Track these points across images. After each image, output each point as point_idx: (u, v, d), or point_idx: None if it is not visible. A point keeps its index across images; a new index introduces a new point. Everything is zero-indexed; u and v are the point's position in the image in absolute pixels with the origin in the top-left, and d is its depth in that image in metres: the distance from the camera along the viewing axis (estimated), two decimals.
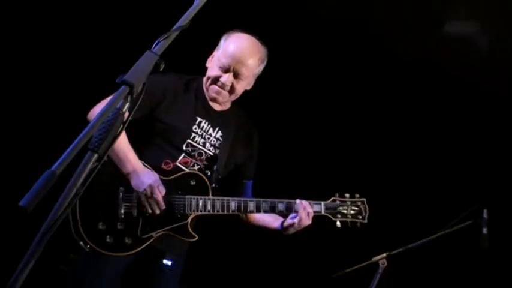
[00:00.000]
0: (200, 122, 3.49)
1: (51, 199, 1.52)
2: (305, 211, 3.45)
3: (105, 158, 1.63)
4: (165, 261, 3.35)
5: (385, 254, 3.85)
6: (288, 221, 3.51)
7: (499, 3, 4.67)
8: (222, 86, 3.44)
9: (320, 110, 5.28)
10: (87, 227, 3.20)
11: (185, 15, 1.86)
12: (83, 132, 1.55)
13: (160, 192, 3.24)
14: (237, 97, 3.56)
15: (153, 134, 3.41)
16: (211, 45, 3.59)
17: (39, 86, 4.54)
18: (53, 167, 1.45)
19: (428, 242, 3.94)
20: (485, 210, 3.85)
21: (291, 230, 3.52)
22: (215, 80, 3.45)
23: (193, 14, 1.88)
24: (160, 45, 1.79)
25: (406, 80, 5.27)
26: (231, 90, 3.47)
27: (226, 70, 3.43)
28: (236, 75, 3.44)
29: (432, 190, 5.24)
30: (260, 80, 3.62)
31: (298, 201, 3.48)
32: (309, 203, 3.50)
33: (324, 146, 5.27)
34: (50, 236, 1.47)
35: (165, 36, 1.80)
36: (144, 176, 3.23)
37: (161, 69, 1.76)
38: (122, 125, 1.64)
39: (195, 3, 1.89)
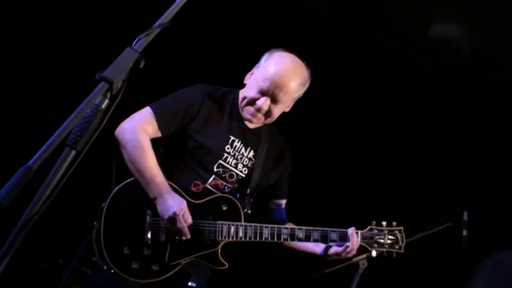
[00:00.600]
0: (233, 141, 3.36)
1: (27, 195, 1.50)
2: (354, 242, 3.38)
3: (83, 152, 1.61)
4: (190, 284, 3.25)
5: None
6: (334, 248, 3.42)
7: (483, 7, 4.70)
8: (258, 110, 3.28)
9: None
10: (111, 251, 3.09)
11: (167, 12, 1.86)
12: (61, 128, 1.54)
13: (185, 221, 3.10)
14: (272, 121, 3.41)
15: (183, 153, 3.29)
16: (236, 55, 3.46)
17: (15, 81, 4.49)
18: (30, 163, 1.44)
19: (408, 243, 3.94)
20: (465, 212, 3.86)
21: (334, 258, 3.47)
22: (251, 102, 3.29)
23: (175, 11, 1.87)
24: (141, 42, 1.78)
25: (387, 83, 5.29)
26: (267, 114, 3.31)
27: (264, 93, 3.25)
28: (274, 100, 3.27)
29: (412, 192, 5.26)
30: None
31: (350, 230, 3.40)
32: (357, 233, 3.43)
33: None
34: (25, 233, 1.46)
35: (146, 33, 1.80)
36: (170, 202, 3.09)
37: (141, 66, 1.75)
38: (100, 122, 1.62)
39: (176, 0, 1.88)
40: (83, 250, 3.53)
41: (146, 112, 3.23)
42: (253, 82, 3.32)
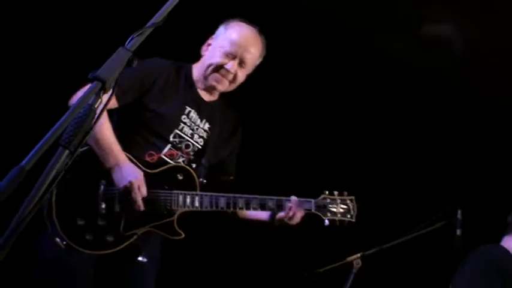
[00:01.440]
0: (189, 111, 3.35)
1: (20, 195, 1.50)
2: (294, 209, 3.33)
3: (78, 152, 1.60)
4: (140, 259, 3.18)
5: (359, 254, 3.86)
6: (280, 214, 3.35)
7: (476, 6, 4.71)
8: (226, 74, 3.31)
9: (307, 107, 5.27)
10: (64, 222, 3.00)
11: (160, 11, 1.85)
12: (54, 128, 1.53)
13: (140, 192, 3.06)
14: (235, 86, 3.43)
15: (137, 123, 3.25)
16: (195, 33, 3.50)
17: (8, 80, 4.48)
18: (22, 163, 1.44)
19: (403, 242, 3.96)
20: (459, 211, 3.87)
21: (279, 223, 3.40)
22: (218, 68, 3.31)
23: (168, 10, 1.87)
24: (133, 42, 1.78)
25: (382, 81, 5.30)
26: (233, 79, 3.35)
27: (231, 57, 3.30)
28: (241, 63, 3.33)
29: (406, 191, 5.27)
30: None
31: (288, 198, 3.35)
32: (300, 201, 3.38)
33: (300, 144, 5.27)
34: (19, 233, 1.45)
35: (139, 32, 1.79)
36: (127, 171, 3.06)
37: (133, 65, 1.75)
38: (93, 121, 1.62)
39: (169, 1, 1.88)
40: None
41: None
42: (216, 49, 3.35)
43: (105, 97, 1.66)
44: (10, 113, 4.42)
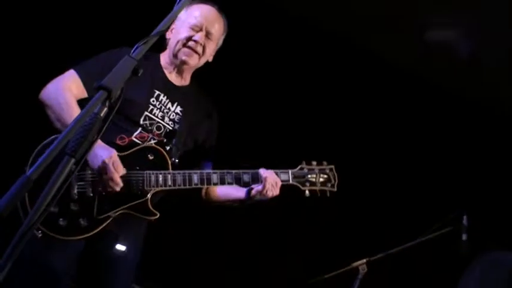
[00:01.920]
0: (159, 95, 3.33)
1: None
2: (270, 180, 3.26)
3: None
4: (118, 246, 3.12)
5: (365, 260, 3.86)
6: (256, 188, 3.28)
7: (481, 11, 4.71)
8: (195, 46, 3.32)
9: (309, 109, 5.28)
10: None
11: (164, 20, 1.87)
12: (60, 137, 1.54)
13: (116, 169, 3.00)
14: (203, 62, 3.42)
15: None
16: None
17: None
18: (28, 173, 1.45)
19: (409, 247, 3.95)
20: (464, 217, 3.86)
21: (257, 198, 3.32)
22: (187, 40, 3.32)
23: (172, 20, 1.89)
24: (139, 50, 1.79)
25: (388, 89, 5.31)
26: (202, 52, 3.35)
27: (198, 29, 3.33)
28: (207, 35, 3.35)
29: (412, 196, 5.26)
30: (220, 55, 3.52)
31: (261, 170, 3.29)
32: (275, 172, 3.32)
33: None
34: (26, 241, 1.46)
35: (144, 41, 1.81)
36: (99, 152, 3.00)
37: (139, 74, 1.76)
38: (99, 130, 1.63)
39: (174, 9, 1.90)
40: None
41: (70, 73, 3.19)
42: (182, 26, 3.37)
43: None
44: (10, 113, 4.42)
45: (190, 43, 3.33)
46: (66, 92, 3.12)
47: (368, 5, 4.85)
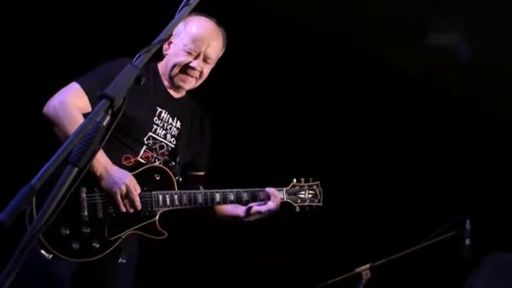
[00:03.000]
0: (160, 112, 3.35)
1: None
2: (276, 198, 3.42)
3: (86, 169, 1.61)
4: (121, 260, 3.17)
5: (368, 265, 3.85)
6: (256, 208, 3.42)
7: (481, 15, 4.72)
8: (192, 72, 3.32)
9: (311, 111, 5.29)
10: (48, 233, 2.93)
11: (166, 28, 1.87)
12: (63, 146, 1.55)
13: (135, 190, 3.10)
14: (200, 83, 3.43)
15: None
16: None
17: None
18: (32, 182, 1.45)
19: (412, 252, 3.95)
20: (467, 221, 3.86)
21: (256, 217, 3.45)
22: (184, 67, 3.31)
23: (174, 28, 1.89)
24: (141, 59, 1.80)
25: (387, 90, 5.32)
26: (199, 76, 3.36)
27: (195, 54, 3.30)
28: (205, 59, 3.34)
29: (415, 201, 5.27)
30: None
31: (268, 189, 3.44)
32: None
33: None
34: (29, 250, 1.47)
35: (146, 49, 1.81)
36: (117, 175, 3.08)
37: (142, 83, 1.76)
38: (102, 139, 1.63)
39: (176, 17, 1.90)
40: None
41: (74, 87, 3.17)
42: (179, 48, 3.33)
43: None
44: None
45: (188, 69, 3.33)
46: (72, 108, 3.10)
47: (370, 6, 4.86)
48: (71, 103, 3.12)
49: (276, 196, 3.44)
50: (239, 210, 3.49)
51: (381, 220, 5.17)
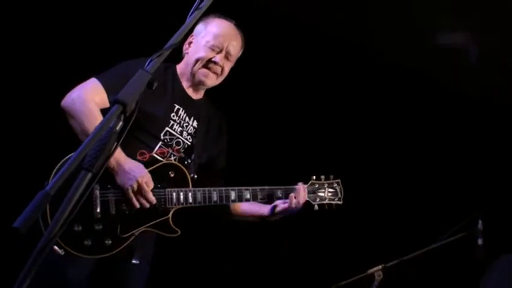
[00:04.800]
0: (178, 109, 3.36)
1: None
2: (299, 195, 3.38)
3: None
4: (134, 261, 3.18)
5: (380, 266, 3.85)
6: (281, 205, 3.39)
7: (489, 14, 4.70)
8: (214, 67, 3.35)
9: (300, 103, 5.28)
10: None
11: (177, 33, 1.88)
12: (77, 152, 1.56)
13: (148, 186, 3.09)
14: (220, 81, 3.46)
15: None
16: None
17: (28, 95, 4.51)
18: (47, 188, 1.46)
19: (424, 253, 3.94)
20: (480, 221, 3.85)
21: (280, 216, 3.44)
22: (206, 62, 3.34)
23: (185, 32, 1.90)
24: (153, 64, 1.80)
25: (398, 89, 5.31)
26: (221, 72, 3.39)
27: (218, 50, 3.34)
28: (227, 55, 3.37)
29: (427, 201, 5.25)
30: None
31: (300, 184, 3.41)
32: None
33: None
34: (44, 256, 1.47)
35: (158, 54, 1.82)
36: (130, 170, 3.07)
37: (154, 88, 1.77)
38: (115, 144, 1.64)
39: (186, 21, 1.91)
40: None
41: (93, 82, 3.19)
42: (201, 45, 3.37)
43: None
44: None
45: (210, 65, 3.36)
46: (90, 102, 3.12)
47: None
48: (90, 97, 3.13)
49: (300, 193, 3.39)
50: (264, 209, 3.48)
51: (392, 221, 5.16)
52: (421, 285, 5.19)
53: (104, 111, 3.15)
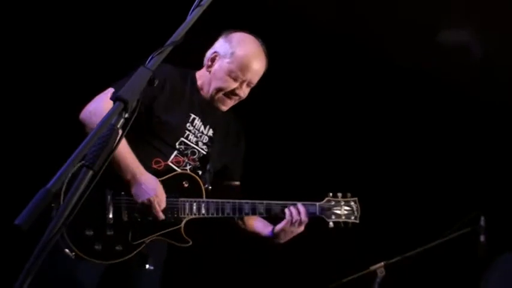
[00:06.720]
0: (194, 119, 3.35)
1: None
2: (296, 216, 3.34)
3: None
4: (148, 266, 3.20)
5: (382, 263, 3.85)
6: (278, 226, 3.38)
7: (494, 12, 4.69)
8: (234, 98, 3.36)
9: (314, 112, 5.28)
10: (72, 233, 2.99)
11: (178, 30, 1.87)
12: (78, 149, 1.55)
13: (159, 205, 3.11)
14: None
15: (143, 130, 3.19)
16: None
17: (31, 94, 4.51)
18: (49, 185, 1.46)
19: (426, 250, 3.94)
20: (482, 218, 3.85)
21: (282, 236, 3.42)
22: (230, 92, 3.34)
23: (187, 29, 1.89)
24: (154, 61, 1.80)
25: (401, 87, 5.30)
26: (240, 98, 3.40)
27: (241, 81, 3.32)
28: (249, 84, 3.36)
29: (429, 198, 5.25)
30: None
31: (287, 209, 3.36)
32: (304, 205, 3.40)
33: (318, 148, 5.26)
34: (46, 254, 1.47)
35: (159, 51, 1.81)
36: (145, 186, 3.08)
37: (155, 85, 1.77)
38: (116, 141, 1.64)
39: (188, 18, 1.90)
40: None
41: (110, 93, 3.18)
42: (224, 70, 3.33)
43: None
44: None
45: (230, 95, 3.35)
46: None
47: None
48: (107, 109, 3.11)
49: (296, 215, 3.34)
50: (266, 231, 3.48)
51: (394, 218, 5.15)
52: (423, 282, 5.18)
53: None
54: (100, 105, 3.12)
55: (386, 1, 4.87)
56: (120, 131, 1.65)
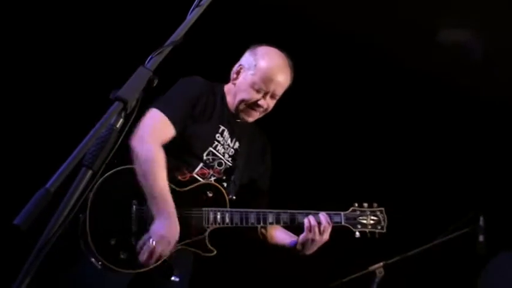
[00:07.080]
0: (223, 130, 3.40)
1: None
2: (314, 223, 3.30)
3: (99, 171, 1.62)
4: (173, 278, 3.16)
5: (381, 263, 3.85)
6: (301, 237, 3.34)
7: (494, 11, 4.70)
8: (258, 109, 3.38)
9: (326, 120, 5.29)
10: (98, 242, 3.02)
11: (178, 30, 1.88)
12: (77, 149, 1.55)
13: (160, 255, 3.03)
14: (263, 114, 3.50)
15: (173, 141, 3.22)
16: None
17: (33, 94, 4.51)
18: (48, 185, 1.46)
19: (425, 250, 3.94)
20: (481, 218, 3.85)
21: (307, 246, 3.36)
22: (253, 104, 3.37)
23: (186, 29, 1.89)
24: (153, 61, 1.80)
25: (400, 87, 5.30)
26: (264, 110, 3.42)
27: (265, 93, 3.35)
28: (273, 96, 3.39)
29: (428, 198, 5.25)
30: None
31: (306, 219, 3.31)
32: (327, 214, 3.37)
33: (322, 154, 5.27)
34: (45, 252, 1.47)
35: (158, 51, 1.82)
36: (164, 232, 3.02)
37: (154, 85, 1.77)
38: (116, 141, 1.64)
39: (187, 18, 1.91)
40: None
41: (158, 116, 3.19)
42: (248, 82, 3.37)
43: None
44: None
45: (254, 106, 3.38)
46: (157, 146, 3.11)
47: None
48: (158, 139, 3.15)
49: (328, 221, 3.32)
50: (288, 240, 3.45)
51: (393, 218, 5.15)
52: (422, 282, 5.19)
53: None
54: (150, 135, 3.15)
55: (387, 1, 4.86)
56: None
